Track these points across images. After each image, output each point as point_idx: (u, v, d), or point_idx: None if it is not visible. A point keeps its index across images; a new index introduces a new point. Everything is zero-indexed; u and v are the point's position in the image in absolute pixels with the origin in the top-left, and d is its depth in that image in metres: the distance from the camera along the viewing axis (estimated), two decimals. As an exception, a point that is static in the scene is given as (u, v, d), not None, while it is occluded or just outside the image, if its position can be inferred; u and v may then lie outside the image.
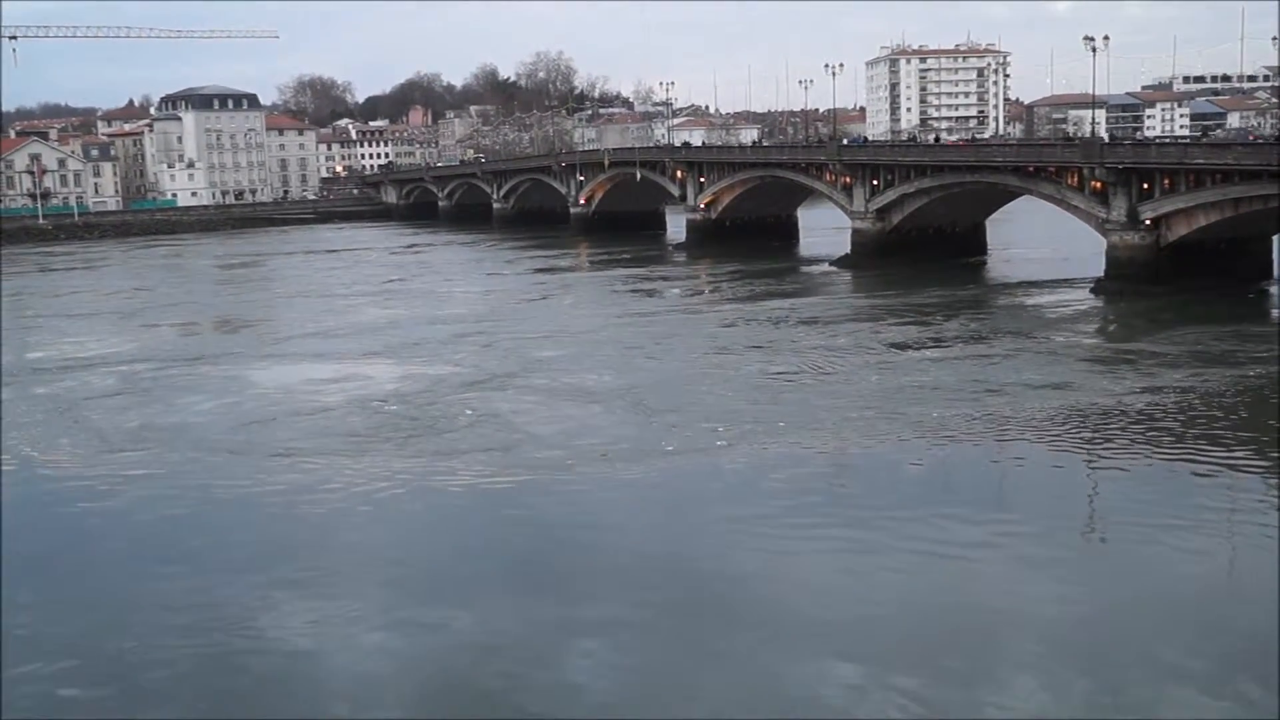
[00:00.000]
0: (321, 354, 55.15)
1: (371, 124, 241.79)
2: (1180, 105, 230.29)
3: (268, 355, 55.90)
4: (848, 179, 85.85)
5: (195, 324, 70.33)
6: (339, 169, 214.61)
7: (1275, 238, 66.24)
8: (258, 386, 47.62)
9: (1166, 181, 62.76)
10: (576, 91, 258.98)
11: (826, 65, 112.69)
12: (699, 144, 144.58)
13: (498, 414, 40.43)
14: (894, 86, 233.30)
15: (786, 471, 32.90)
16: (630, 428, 38.13)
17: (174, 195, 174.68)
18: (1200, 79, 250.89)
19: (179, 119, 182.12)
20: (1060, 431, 36.42)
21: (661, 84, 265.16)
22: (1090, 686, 20.55)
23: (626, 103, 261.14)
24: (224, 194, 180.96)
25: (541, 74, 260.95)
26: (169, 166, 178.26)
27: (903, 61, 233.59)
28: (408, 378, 47.49)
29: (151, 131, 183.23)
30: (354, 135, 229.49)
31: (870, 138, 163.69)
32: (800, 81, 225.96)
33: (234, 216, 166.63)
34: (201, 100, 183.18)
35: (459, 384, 45.82)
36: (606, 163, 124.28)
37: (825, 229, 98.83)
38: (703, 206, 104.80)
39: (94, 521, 31.06)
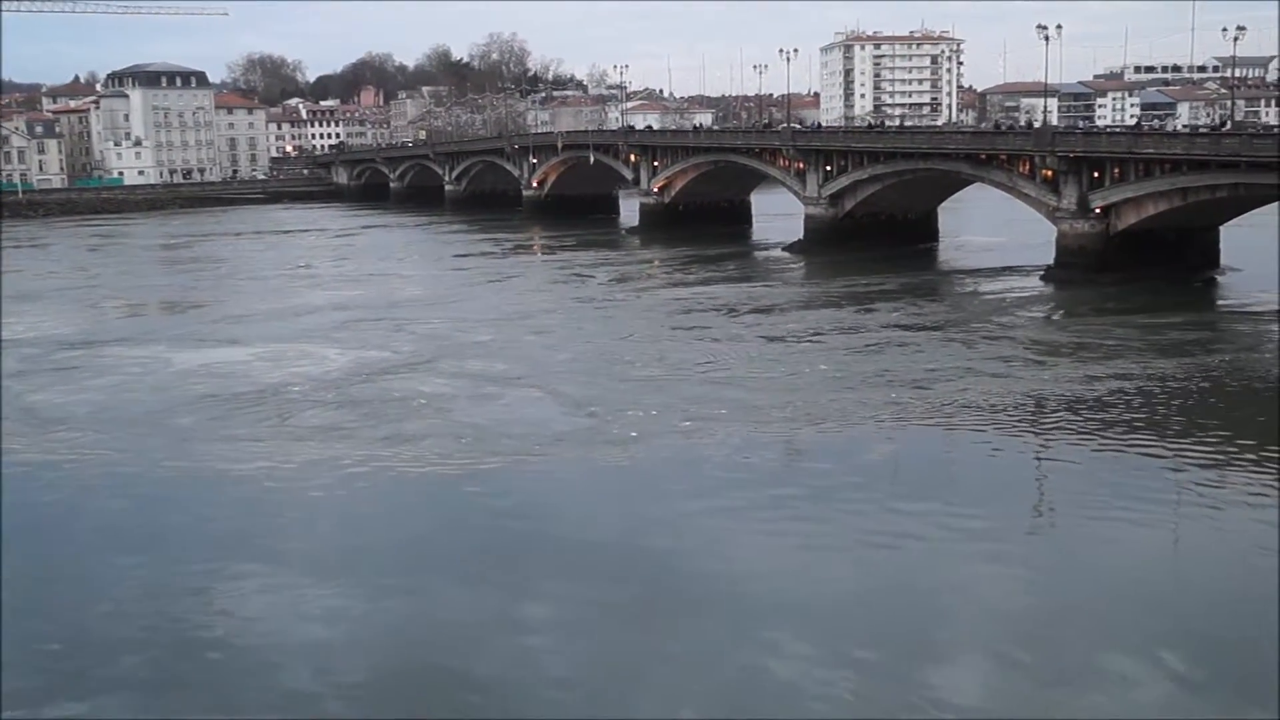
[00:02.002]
0: (264, 337, 53.92)
1: (322, 104, 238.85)
2: (1131, 95, 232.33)
3: (204, 338, 54.46)
4: (801, 165, 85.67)
5: (137, 305, 68.99)
6: (289, 149, 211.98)
7: (1222, 228, 66.78)
8: (186, 369, 46.38)
9: (1116, 170, 63.05)
10: (530, 74, 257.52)
11: (781, 51, 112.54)
12: (653, 128, 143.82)
13: (449, 400, 39.82)
14: (848, 73, 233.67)
15: (739, 457, 32.52)
16: (582, 415, 37.59)
17: (120, 174, 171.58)
18: (1151, 69, 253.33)
19: (126, 96, 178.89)
20: (1008, 418, 36.34)
21: (615, 67, 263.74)
22: (1033, 664, 20.69)
23: (580, 85, 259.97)
24: (172, 173, 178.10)
25: (495, 55, 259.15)
26: (115, 144, 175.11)
27: (857, 48, 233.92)
28: (347, 362, 46.63)
29: (98, 108, 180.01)
30: (304, 115, 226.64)
31: (824, 124, 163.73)
32: (755, 67, 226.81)
33: (182, 196, 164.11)
34: (149, 77, 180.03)
35: (408, 368, 45.08)
36: (560, 145, 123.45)
37: (778, 215, 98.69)
38: (656, 190, 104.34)
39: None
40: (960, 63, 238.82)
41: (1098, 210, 63.62)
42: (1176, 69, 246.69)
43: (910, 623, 22.50)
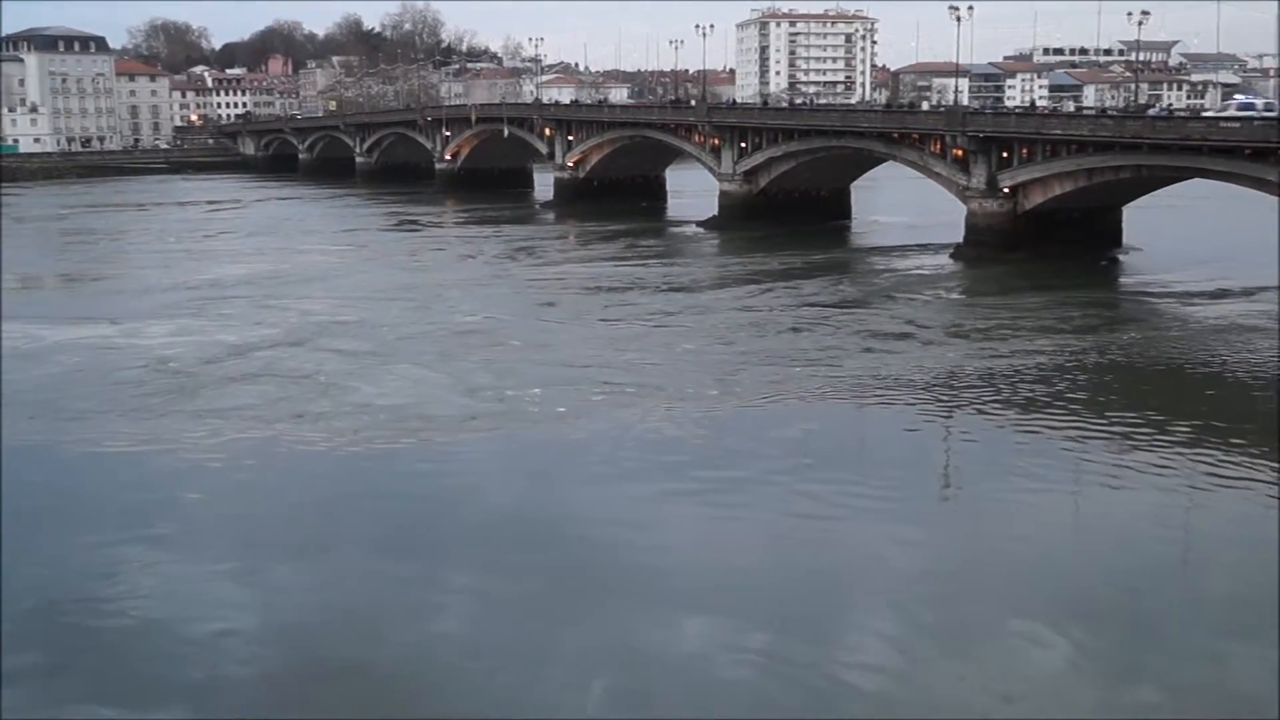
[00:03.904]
0: (151, 314, 51.75)
1: (229, 72, 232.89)
2: (1039, 76, 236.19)
3: (88, 315, 51.82)
4: (716, 141, 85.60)
5: (24, 279, 66.58)
6: (194, 118, 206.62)
7: (1125, 208, 68.08)
8: (66, 344, 44.63)
9: (1025, 151, 63.86)
10: (444, 45, 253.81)
11: (697, 26, 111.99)
12: (568, 102, 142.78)
13: (354, 378, 38.95)
14: (764, 49, 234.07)
15: (650, 434, 32.24)
16: (489, 394, 37.03)
17: (15, 141, 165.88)
18: (1059, 51, 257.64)
19: (20, 60, 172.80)
20: (916, 394, 36.58)
21: (531, 40, 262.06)
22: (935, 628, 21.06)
23: (495, 58, 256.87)
24: (70, 141, 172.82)
25: (407, 26, 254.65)
26: (10, 111, 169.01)
27: (772, 25, 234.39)
28: (241, 338, 45.38)
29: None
30: (210, 83, 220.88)
31: (739, 100, 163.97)
32: (671, 42, 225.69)
33: (80, 165, 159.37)
34: (45, 41, 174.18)
35: (309, 344, 44.04)
36: (474, 118, 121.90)
37: (694, 190, 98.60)
38: (571, 165, 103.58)
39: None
40: (874, 42, 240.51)
41: (1006, 190, 64.43)
42: (1083, 51, 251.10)
43: (822, 590, 22.64)
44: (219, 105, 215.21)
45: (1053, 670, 19.85)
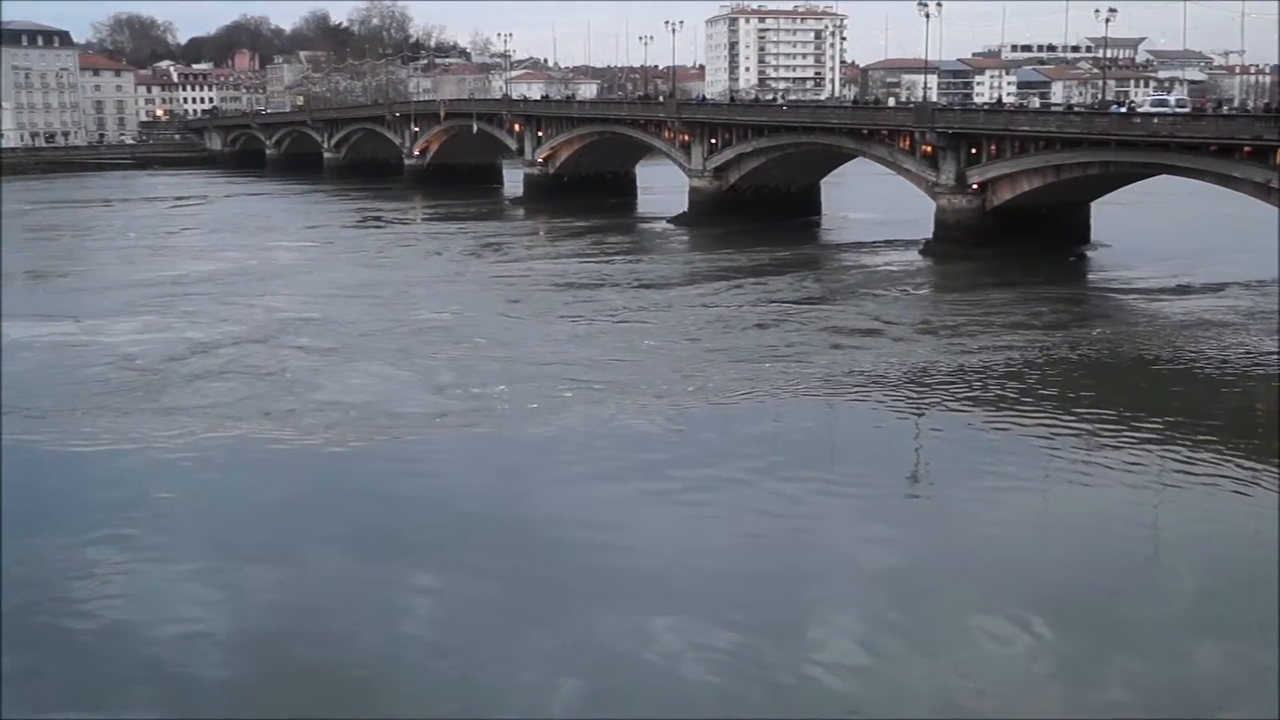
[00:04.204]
0: (115, 310, 51.14)
1: (195, 67, 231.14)
2: (1008, 73, 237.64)
3: (53, 312, 51.18)
4: (686, 137, 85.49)
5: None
6: (159, 113, 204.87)
7: (1093, 204, 68.46)
8: (19, 344, 43.75)
9: (993, 147, 64.08)
10: (412, 40, 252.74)
11: (667, 22, 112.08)
12: (537, 97, 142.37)
13: (325, 375, 38.59)
14: (733, 46, 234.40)
15: (621, 432, 32.11)
16: (458, 393, 36.77)
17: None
18: (1027, 48, 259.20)
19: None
20: (886, 390, 36.59)
21: (500, 35, 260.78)
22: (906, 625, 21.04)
23: (463, 53, 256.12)
24: (34, 136, 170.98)
25: (375, 21, 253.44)
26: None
27: (742, 21, 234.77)
28: (207, 334, 44.86)
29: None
30: (176, 78, 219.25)
31: (709, 96, 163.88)
32: (640, 38, 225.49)
33: (45, 160, 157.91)
34: (8, 36, 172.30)
35: (278, 341, 43.62)
36: (442, 114, 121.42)
37: (664, 187, 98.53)
38: (540, 161, 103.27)
39: None
40: (843, 38, 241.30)
41: (975, 186, 64.63)
42: (1051, 48, 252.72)
43: (794, 588, 22.54)
44: (185, 100, 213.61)
45: (1022, 666, 19.85)
